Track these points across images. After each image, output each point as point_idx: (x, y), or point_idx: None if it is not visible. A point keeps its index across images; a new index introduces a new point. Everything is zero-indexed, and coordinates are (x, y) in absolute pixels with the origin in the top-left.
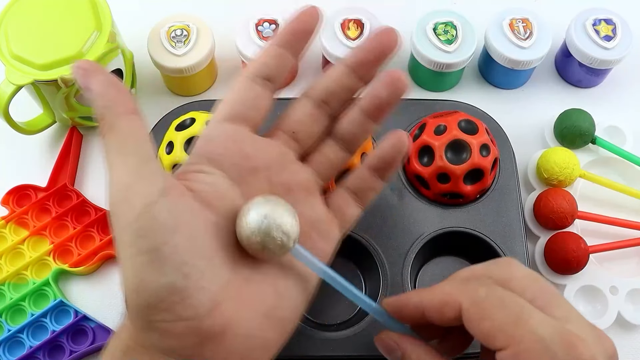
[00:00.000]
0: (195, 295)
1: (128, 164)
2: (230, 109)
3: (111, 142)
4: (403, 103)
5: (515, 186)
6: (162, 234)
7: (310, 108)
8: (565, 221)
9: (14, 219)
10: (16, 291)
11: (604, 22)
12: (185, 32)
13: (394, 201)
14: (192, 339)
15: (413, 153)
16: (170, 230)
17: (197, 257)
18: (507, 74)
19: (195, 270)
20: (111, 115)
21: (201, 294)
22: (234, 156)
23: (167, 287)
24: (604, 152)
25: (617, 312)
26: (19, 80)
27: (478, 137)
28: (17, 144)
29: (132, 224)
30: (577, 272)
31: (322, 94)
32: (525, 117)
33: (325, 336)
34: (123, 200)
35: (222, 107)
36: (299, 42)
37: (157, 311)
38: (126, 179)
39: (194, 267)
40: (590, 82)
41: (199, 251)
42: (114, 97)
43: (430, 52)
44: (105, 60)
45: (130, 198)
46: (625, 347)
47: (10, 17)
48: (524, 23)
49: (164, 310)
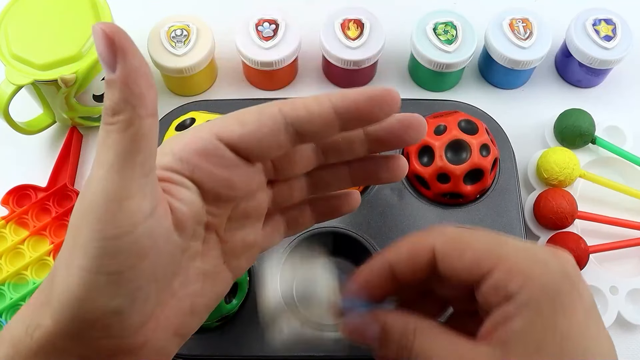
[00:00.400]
0: (132, 319)
1: (130, 174)
2: (240, 138)
3: (121, 144)
4: (403, 103)
5: (515, 186)
6: (133, 258)
7: (308, 151)
8: (565, 221)
9: (14, 219)
10: (16, 291)
11: (604, 22)
12: (185, 32)
13: (394, 201)
14: (109, 352)
15: (413, 153)
16: (142, 255)
17: (150, 283)
18: (507, 74)
19: (143, 295)
20: (133, 114)
21: (137, 316)
22: (218, 182)
23: (112, 310)
24: (604, 152)
25: (617, 312)
26: (19, 80)
27: (478, 137)
28: (17, 144)
29: (106, 241)
30: None
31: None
32: (525, 117)
33: (325, 336)
34: (108, 211)
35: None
36: (357, 122)
37: (91, 328)
38: (122, 189)
39: (143, 293)
40: (590, 82)
41: (155, 278)
42: (144, 92)
43: (430, 52)
44: None
45: (117, 213)
46: (625, 347)
47: (10, 17)
48: (524, 23)
49: (98, 329)
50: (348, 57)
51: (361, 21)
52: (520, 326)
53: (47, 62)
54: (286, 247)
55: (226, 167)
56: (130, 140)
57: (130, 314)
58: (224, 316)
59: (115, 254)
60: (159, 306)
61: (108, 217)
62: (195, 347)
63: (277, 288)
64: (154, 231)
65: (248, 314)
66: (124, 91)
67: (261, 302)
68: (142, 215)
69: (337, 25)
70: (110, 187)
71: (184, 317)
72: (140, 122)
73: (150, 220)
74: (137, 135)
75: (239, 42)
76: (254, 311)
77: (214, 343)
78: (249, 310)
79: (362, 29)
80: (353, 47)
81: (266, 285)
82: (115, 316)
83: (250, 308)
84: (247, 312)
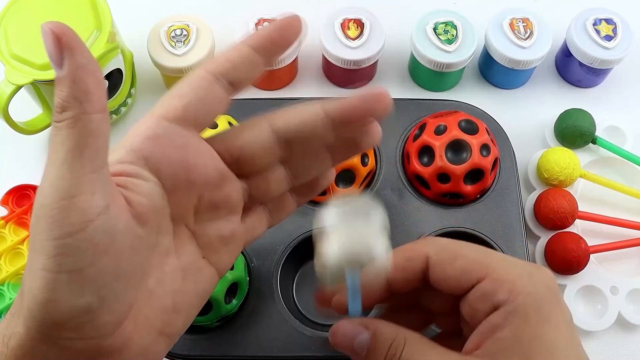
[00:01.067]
0: (105, 317)
1: (79, 170)
2: (184, 108)
3: (69, 140)
4: (403, 103)
5: (515, 186)
6: (91, 255)
7: (271, 141)
8: (565, 221)
9: (14, 219)
10: (16, 291)
11: (604, 22)
12: (185, 32)
13: (394, 201)
14: (88, 355)
15: (413, 153)
16: (101, 252)
17: (117, 280)
18: (508, 74)
19: (111, 293)
20: (80, 110)
21: (110, 315)
22: (175, 166)
23: (80, 310)
24: (604, 152)
25: (618, 312)
26: (19, 80)
27: (478, 137)
28: (17, 144)
29: (62, 239)
30: (578, 272)
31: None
32: (525, 117)
33: (325, 336)
34: (61, 209)
35: (174, 101)
36: (275, 51)
37: (63, 330)
38: (72, 186)
39: (111, 291)
40: (591, 82)
41: (120, 273)
42: (90, 88)
43: (431, 52)
44: (105, 60)
45: (70, 210)
46: (626, 347)
47: (10, 17)
48: (524, 23)
49: (69, 330)
50: (348, 56)
51: (361, 21)
52: (508, 335)
53: (47, 62)
54: (286, 247)
55: (179, 148)
56: (79, 137)
57: (101, 313)
58: (223, 316)
59: (71, 251)
60: (135, 305)
61: (60, 215)
62: (195, 347)
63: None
64: (110, 227)
65: (248, 314)
66: (71, 88)
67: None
68: (95, 212)
69: (337, 25)
70: (60, 185)
71: (166, 316)
72: (88, 119)
73: (104, 216)
74: (85, 132)
75: None
76: (254, 311)
77: (214, 343)
78: (249, 310)
79: (362, 29)
80: (353, 46)
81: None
82: (84, 316)
83: (250, 308)
84: (247, 312)
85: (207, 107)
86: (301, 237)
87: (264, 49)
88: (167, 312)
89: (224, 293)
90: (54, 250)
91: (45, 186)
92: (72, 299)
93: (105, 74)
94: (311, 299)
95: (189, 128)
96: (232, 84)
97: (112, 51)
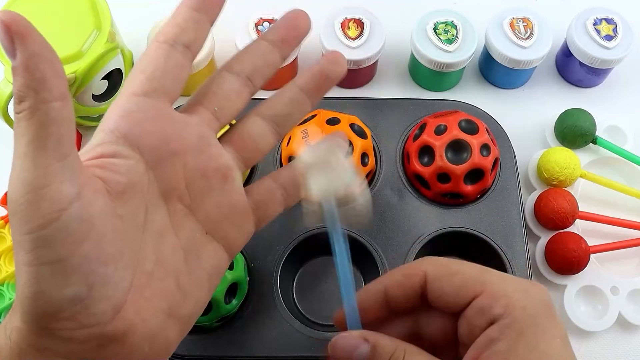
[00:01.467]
0: (98, 305)
1: (43, 160)
2: (149, 80)
3: (29, 131)
4: (403, 103)
5: (515, 186)
6: (69, 244)
7: (235, 84)
8: (565, 221)
9: None
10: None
11: (604, 22)
12: None
13: (394, 201)
14: (93, 342)
15: (413, 153)
16: (79, 239)
17: (103, 265)
18: (508, 74)
19: (100, 279)
20: (37, 99)
21: (104, 302)
22: (153, 137)
23: (69, 299)
24: (604, 152)
25: (618, 312)
26: None
27: (478, 137)
28: None
29: (36, 232)
30: (578, 272)
31: (247, 69)
32: (525, 116)
33: (325, 336)
34: (29, 202)
35: (139, 77)
36: (214, 8)
37: (58, 320)
38: (38, 178)
39: (99, 276)
40: (591, 82)
41: (105, 257)
42: (46, 76)
43: (431, 52)
44: (105, 60)
45: (39, 202)
46: (626, 347)
47: None
48: (525, 22)
49: (65, 319)
50: (348, 56)
51: (361, 21)
52: (504, 348)
53: None
54: (286, 247)
55: (154, 119)
56: (39, 126)
57: (92, 300)
58: (223, 316)
59: (48, 243)
60: (132, 289)
61: (30, 209)
62: (195, 347)
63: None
64: (84, 213)
65: (248, 314)
66: (25, 77)
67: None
68: (66, 200)
69: (337, 25)
70: (27, 177)
71: (172, 297)
72: (47, 107)
73: (77, 203)
74: (45, 121)
75: (239, 42)
76: (254, 311)
77: (214, 343)
78: (249, 310)
79: (362, 29)
80: (353, 46)
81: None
82: (75, 304)
83: (250, 308)
84: (247, 312)
85: (170, 74)
86: (301, 237)
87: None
88: (172, 293)
89: (224, 293)
90: (31, 244)
91: (13, 178)
92: (58, 290)
93: (105, 73)
94: (311, 299)
95: (159, 98)
96: (187, 47)
97: (112, 51)
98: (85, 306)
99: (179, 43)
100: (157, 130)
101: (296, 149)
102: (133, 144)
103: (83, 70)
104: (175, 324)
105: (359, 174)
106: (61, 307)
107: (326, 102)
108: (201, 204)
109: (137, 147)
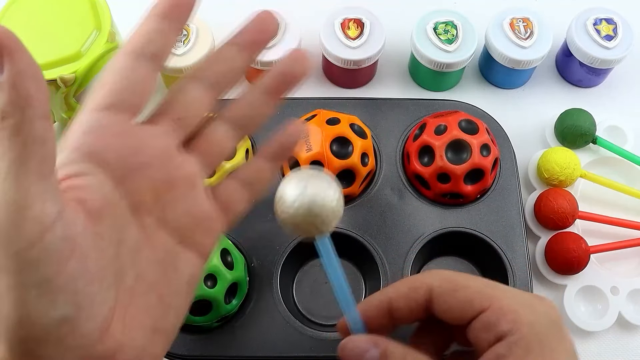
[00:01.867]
0: (86, 325)
1: (26, 180)
2: (112, 95)
3: (13, 148)
4: (403, 103)
5: (515, 186)
6: (54, 263)
7: (199, 91)
8: (565, 221)
9: None
10: None
11: (604, 22)
12: (185, 32)
13: (394, 201)
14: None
15: (413, 153)
16: (64, 258)
17: (89, 283)
18: (508, 74)
19: (87, 298)
20: (22, 117)
21: (91, 322)
22: (117, 152)
23: (57, 320)
24: (604, 152)
25: (618, 312)
26: None
27: (478, 137)
28: None
29: (19, 254)
30: (578, 272)
31: (211, 77)
32: (525, 116)
33: (325, 336)
34: (11, 223)
35: (102, 91)
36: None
37: (45, 344)
38: (20, 198)
39: (86, 295)
40: (591, 82)
41: (91, 276)
42: (32, 93)
43: (431, 52)
44: (105, 60)
45: (21, 223)
46: (626, 347)
47: (9, 16)
48: (525, 22)
49: (52, 344)
50: (348, 56)
51: (361, 21)
52: None
53: (46, 62)
54: (286, 247)
55: (118, 134)
56: (23, 145)
57: (80, 320)
58: (223, 316)
59: (34, 264)
60: (117, 306)
61: (13, 230)
62: (195, 347)
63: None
64: (67, 232)
65: (248, 314)
66: (11, 94)
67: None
68: (48, 220)
69: (337, 25)
70: (9, 198)
71: (155, 311)
72: (31, 126)
73: (59, 222)
74: (28, 139)
75: None
76: (253, 311)
77: (214, 343)
78: (249, 310)
79: (362, 29)
80: (353, 46)
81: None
82: (63, 326)
83: (250, 308)
84: (247, 312)
85: (133, 87)
86: (301, 237)
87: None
88: (155, 307)
89: (224, 293)
90: (16, 267)
91: None
92: (46, 312)
93: None
94: (311, 299)
95: (122, 112)
96: (154, 57)
97: (112, 51)
98: (73, 328)
99: (145, 53)
100: (121, 146)
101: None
102: (98, 161)
103: (83, 71)
104: (160, 338)
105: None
106: (50, 330)
107: (326, 102)
108: (171, 214)
109: (102, 164)
